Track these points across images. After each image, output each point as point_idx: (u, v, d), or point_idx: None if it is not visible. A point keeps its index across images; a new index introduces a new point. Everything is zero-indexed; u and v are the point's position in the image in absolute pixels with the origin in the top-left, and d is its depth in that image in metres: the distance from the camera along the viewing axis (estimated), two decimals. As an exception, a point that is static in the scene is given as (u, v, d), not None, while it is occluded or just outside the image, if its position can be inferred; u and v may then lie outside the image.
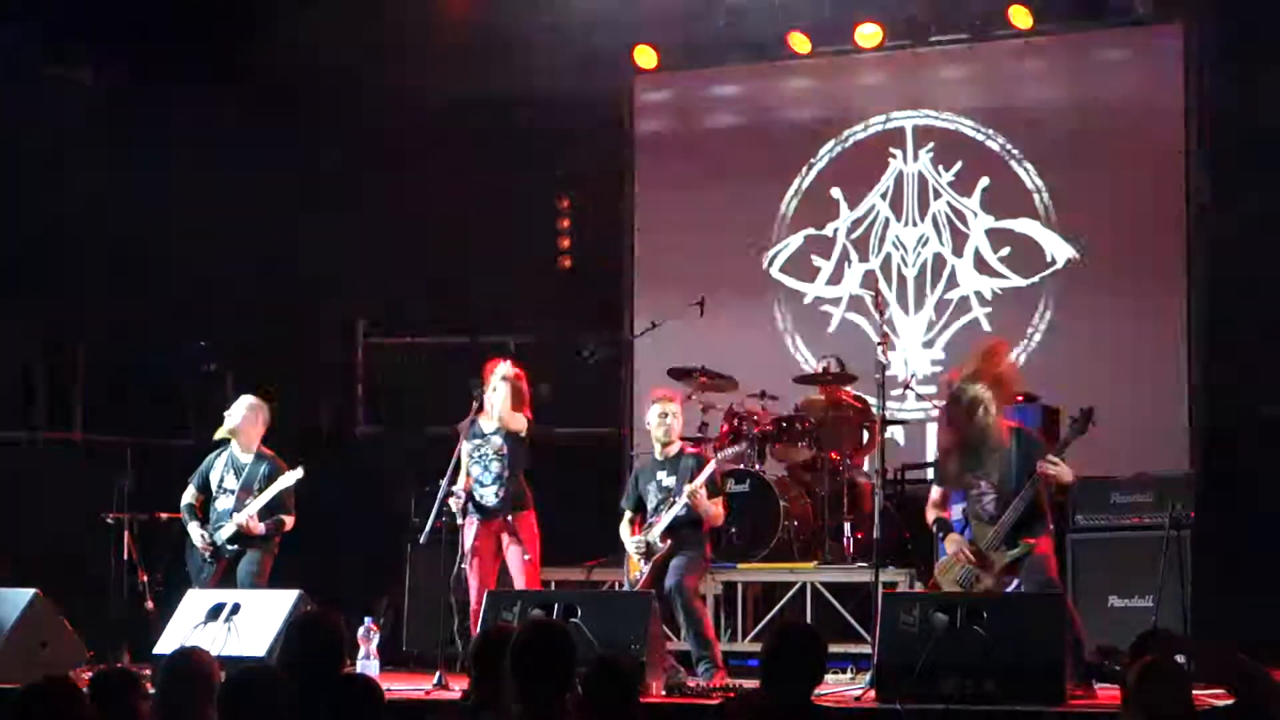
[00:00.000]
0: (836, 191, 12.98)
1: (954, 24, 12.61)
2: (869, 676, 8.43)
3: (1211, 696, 6.79)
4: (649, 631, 8.51)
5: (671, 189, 13.38)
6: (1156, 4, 12.12)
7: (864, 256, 12.82)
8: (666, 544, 9.50)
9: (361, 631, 9.01)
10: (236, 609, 9.04)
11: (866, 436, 11.55)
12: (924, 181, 12.77)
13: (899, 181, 12.83)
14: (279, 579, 9.95)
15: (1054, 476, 8.48)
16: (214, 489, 10.18)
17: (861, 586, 10.47)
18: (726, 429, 11.31)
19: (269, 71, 12.75)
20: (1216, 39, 11.86)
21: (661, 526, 9.53)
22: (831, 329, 12.78)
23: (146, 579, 11.01)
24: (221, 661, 5.81)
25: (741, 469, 11.05)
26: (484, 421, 9.86)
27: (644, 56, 13.20)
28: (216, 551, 10.03)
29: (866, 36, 12.64)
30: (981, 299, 12.54)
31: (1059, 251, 12.33)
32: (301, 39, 12.29)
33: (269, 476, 10.07)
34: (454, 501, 9.73)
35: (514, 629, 5.89)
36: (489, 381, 9.84)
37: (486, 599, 9.03)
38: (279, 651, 6.38)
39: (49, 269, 13.07)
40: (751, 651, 10.32)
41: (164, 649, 8.69)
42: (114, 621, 11.03)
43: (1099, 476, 10.08)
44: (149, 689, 5.84)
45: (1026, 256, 12.42)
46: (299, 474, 10.04)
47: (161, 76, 12.45)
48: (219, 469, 10.21)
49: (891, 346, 9.82)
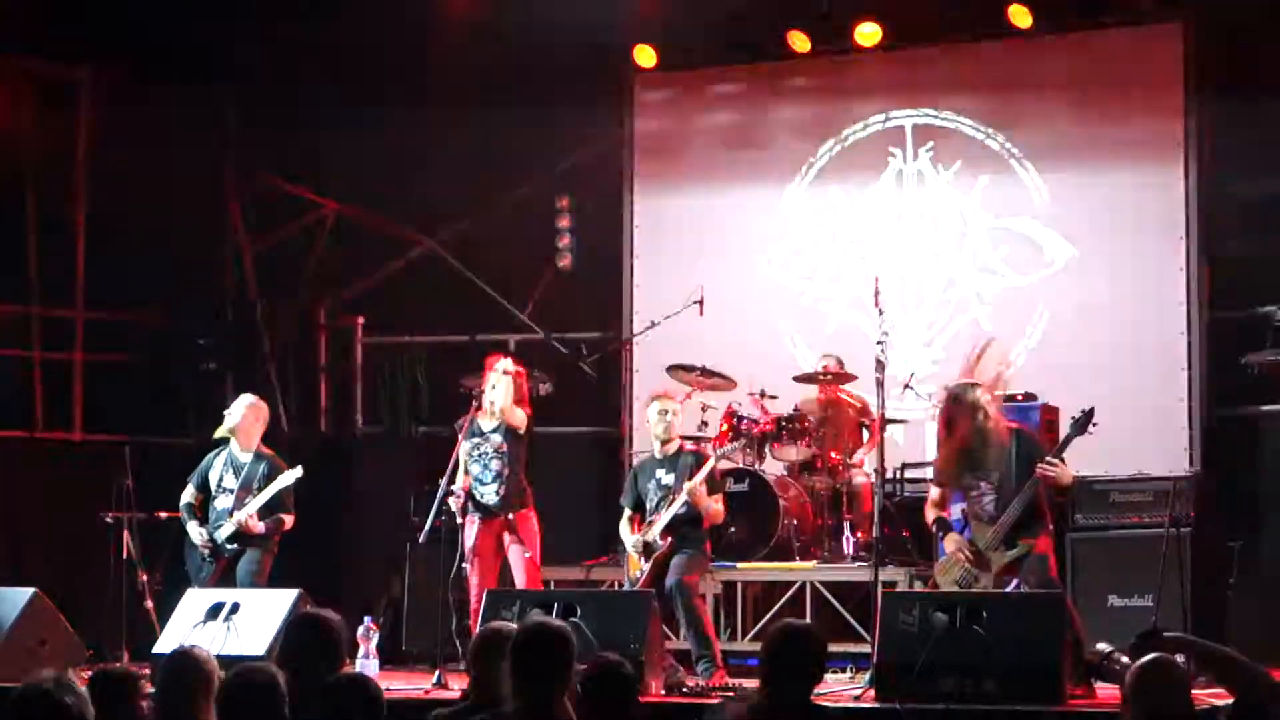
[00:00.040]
0: (836, 190, 12.97)
1: (953, 23, 12.60)
2: (868, 676, 8.43)
3: (1211, 696, 6.80)
4: (648, 631, 8.51)
5: (671, 188, 13.37)
6: (1156, 3, 12.12)
7: (863, 255, 12.80)
8: (667, 542, 9.50)
9: (361, 631, 9.00)
10: (236, 608, 9.03)
11: (866, 435, 11.56)
12: (923, 180, 12.76)
13: (898, 180, 12.82)
14: (278, 578, 9.95)
15: (1053, 479, 8.48)
16: (213, 488, 10.18)
17: (861, 586, 10.47)
18: (726, 428, 11.31)
19: (267, 73, 12.76)
20: (1216, 38, 11.85)
21: (661, 524, 9.53)
22: (831, 328, 12.77)
23: (146, 578, 11.01)
24: (221, 661, 5.80)
25: (741, 468, 11.05)
26: (482, 420, 9.86)
27: (643, 56, 13.19)
28: (216, 550, 10.02)
29: (866, 35, 12.63)
30: (981, 298, 12.54)
31: (1058, 251, 12.32)
32: (299, 42, 12.31)
33: (268, 475, 10.06)
34: (454, 501, 9.73)
35: (513, 628, 5.88)
36: (487, 378, 9.84)
37: (486, 598, 9.02)
38: (278, 651, 6.36)
39: (49, 268, 13.08)
40: (751, 651, 10.31)
41: (163, 648, 8.69)
42: (113, 620, 11.03)
43: (1099, 476, 10.09)
44: (148, 688, 5.84)
45: (1026, 256, 12.40)
46: (298, 473, 10.03)
47: (162, 76, 12.46)
48: (218, 468, 10.20)
49: (891, 345, 9.80)
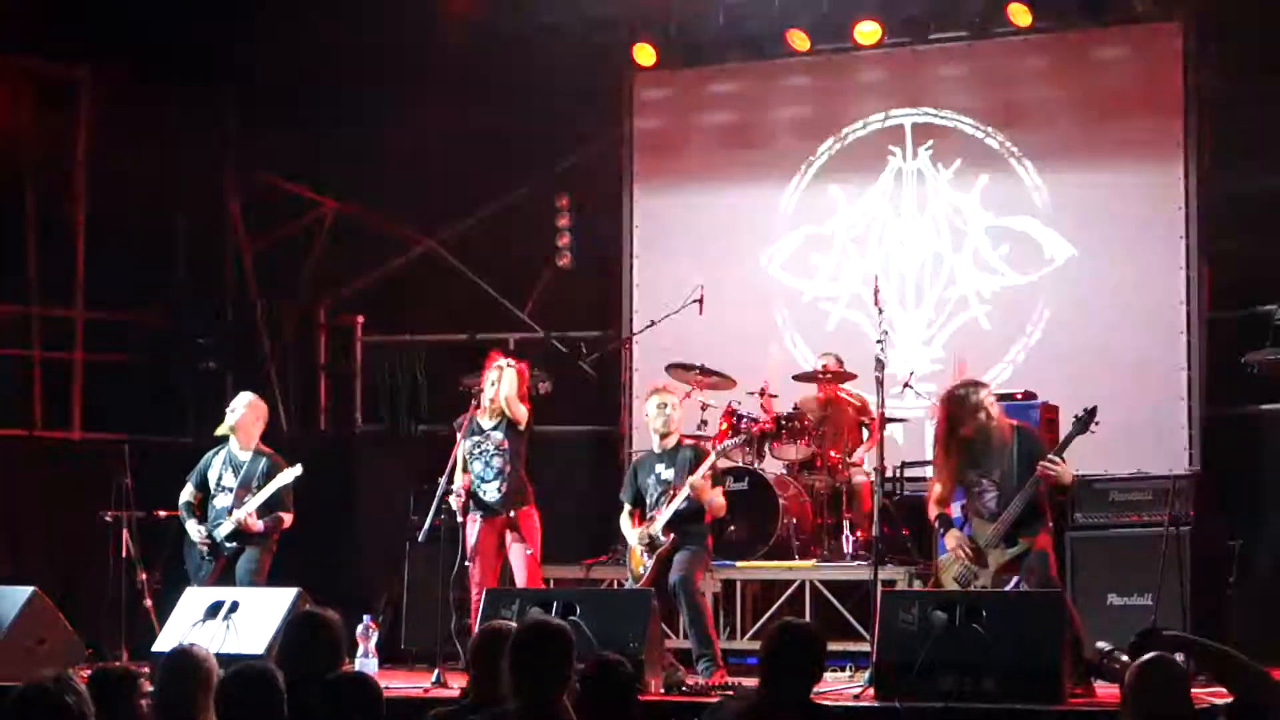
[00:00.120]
0: (835, 189, 12.97)
1: (953, 21, 12.60)
2: (868, 674, 8.42)
3: (1211, 695, 6.79)
4: (648, 629, 8.49)
5: (670, 187, 13.37)
6: (1155, 2, 12.11)
7: (863, 254, 12.81)
8: (669, 538, 9.48)
9: (360, 629, 9.00)
10: (235, 607, 9.03)
11: (865, 434, 11.56)
12: (923, 179, 12.76)
13: (898, 179, 12.82)
14: (277, 577, 9.94)
15: (1054, 478, 8.47)
16: (212, 487, 10.17)
17: (860, 584, 10.46)
18: (725, 427, 11.30)
19: (267, 73, 12.76)
20: (1216, 36, 11.85)
21: (663, 520, 9.51)
22: (830, 327, 12.77)
23: (145, 577, 11.00)
24: (220, 659, 5.80)
25: (740, 467, 11.05)
26: (482, 418, 9.85)
27: (643, 54, 13.18)
28: (215, 549, 10.01)
29: (865, 34, 12.63)
30: (980, 297, 12.53)
31: (1058, 249, 12.32)
32: (299, 42, 12.31)
33: (267, 474, 10.06)
34: (455, 500, 9.72)
35: (513, 627, 5.88)
36: (486, 375, 9.84)
37: (485, 596, 9.02)
38: (277, 649, 6.36)
39: (48, 267, 13.08)
40: (750, 649, 10.31)
41: (162, 647, 8.68)
42: (112, 619, 11.02)
43: (1098, 475, 10.08)
44: (147, 687, 5.84)
45: (1025, 254, 12.41)
46: (297, 471, 10.03)
47: (162, 76, 12.46)
48: (217, 466, 10.20)
49: (890, 344, 9.80)
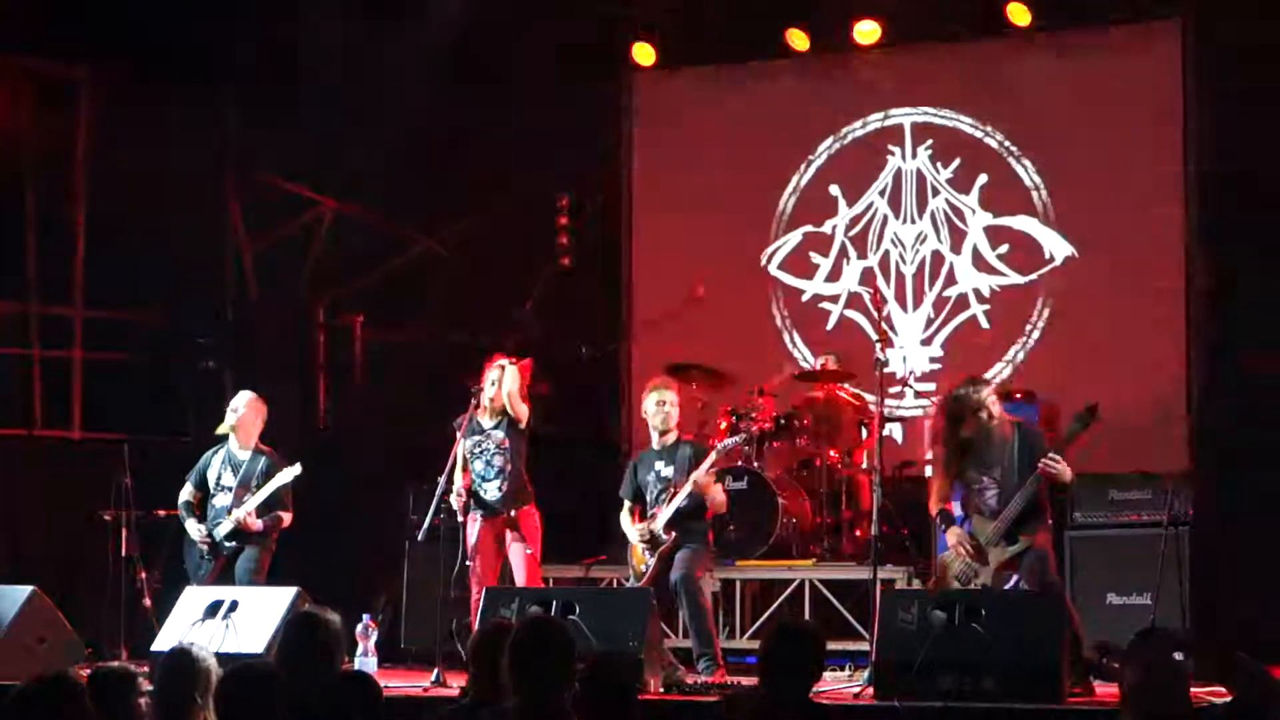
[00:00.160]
0: (835, 189, 12.97)
1: (952, 21, 12.60)
2: (867, 674, 8.42)
3: (1210, 694, 6.81)
4: (647, 629, 8.49)
5: (670, 186, 13.37)
6: (1155, 1, 12.11)
7: (862, 254, 12.81)
8: (671, 536, 9.47)
9: (359, 628, 8.99)
10: (234, 606, 9.03)
11: (864, 433, 11.55)
12: (922, 178, 12.76)
13: (897, 179, 12.82)
14: (277, 576, 9.94)
15: (1055, 475, 8.47)
16: (212, 486, 10.17)
17: (859, 583, 10.45)
18: (724, 426, 11.30)
19: (267, 73, 12.75)
20: (1215, 34, 11.84)
21: (664, 518, 9.49)
22: (830, 326, 12.77)
23: (144, 576, 11.00)
24: (219, 658, 5.80)
25: (740, 466, 11.04)
26: (483, 418, 9.85)
27: (643, 54, 13.18)
28: (215, 548, 10.01)
29: (865, 33, 12.64)
30: (980, 296, 12.53)
31: (1057, 248, 12.32)
32: (299, 42, 12.31)
33: (267, 473, 10.05)
34: (456, 500, 9.72)
35: (512, 626, 5.87)
36: (487, 375, 9.83)
37: (485, 595, 9.01)
38: (277, 648, 6.36)
39: (48, 266, 13.07)
40: (749, 649, 10.30)
41: (162, 646, 8.67)
42: (112, 618, 11.02)
43: (1097, 474, 10.08)
44: (147, 686, 5.84)
45: (1025, 253, 12.41)
46: (297, 470, 10.02)
47: (161, 76, 12.45)
48: (216, 466, 10.20)
49: (890, 344, 9.80)
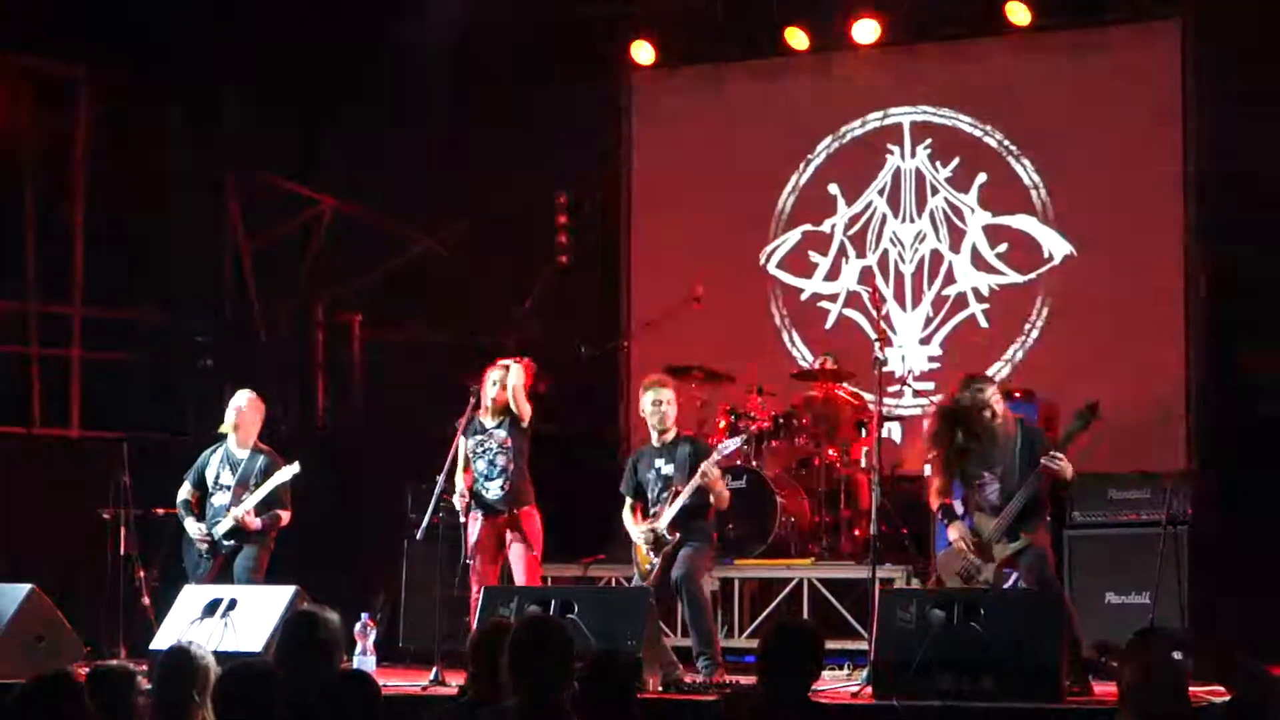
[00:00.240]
0: (834, 188, 12.97)
1: (952, 20, 12.60)
2: (866, 673, 8.41)
3: (1209, 694, 6.80)
4: (646, 628, 8.49)
5: (669, 185, 13.37)
6: (1155, 1, 12.11)
7: (861, 253, 12.81)
8: (675, 536, 9.44)
9: (358, 627, 8.98)
10: (233, 605, 9.03)
11: (863, 433, 11.55)
12: (921, 178, 12.76)
13: (896, 178, 12.82)
14: (275, 574, 9.93)
15: (1056, 472, 8.47)
16: (210, 485, 10.16)
17: (858, 583, 10.44)
18: (724, 426, 11.30)
19: (267, 73, 12.76)
20: (1215, 35, 11.85)
21: (668, 517, 9.45)
22: (829, 325, 12.77)
23: (143, 575, 11.00)
24: (218, 657, 5.80)
25: (739, 465, 11.04)
26: (485, 417, 9.85)
27: (643, 53, 13.18)
28: (213, 546, 10.01)
29: (864, 33, 12.64)
30: (979, 295, 12.53)
31: (1056, 247, 12.32)
32: (299, 42, 12.31)
33: (265, 472, 10.05)
34: (457, 499, 9.71)
35: (511, 625, 5.87)
36: (488, 375, 9.82)
37: (484, 595, 9.02)
38: (275, 647, 6.35)
39: (47, 265, 13.08)
40: (748, 648, 10.29)
41: (160, 644, 8.68)
42: (110, 617, 11.02)
43: (1096, 473, 10.07)
44: (145, 685, 5.84)
45: (1024, 252, 12.41)
46: (295, 469, 10.02)
47: (161, 75, 12.46)
48: (215, 465, 10.19)
49: (889, 343, 9.80)
